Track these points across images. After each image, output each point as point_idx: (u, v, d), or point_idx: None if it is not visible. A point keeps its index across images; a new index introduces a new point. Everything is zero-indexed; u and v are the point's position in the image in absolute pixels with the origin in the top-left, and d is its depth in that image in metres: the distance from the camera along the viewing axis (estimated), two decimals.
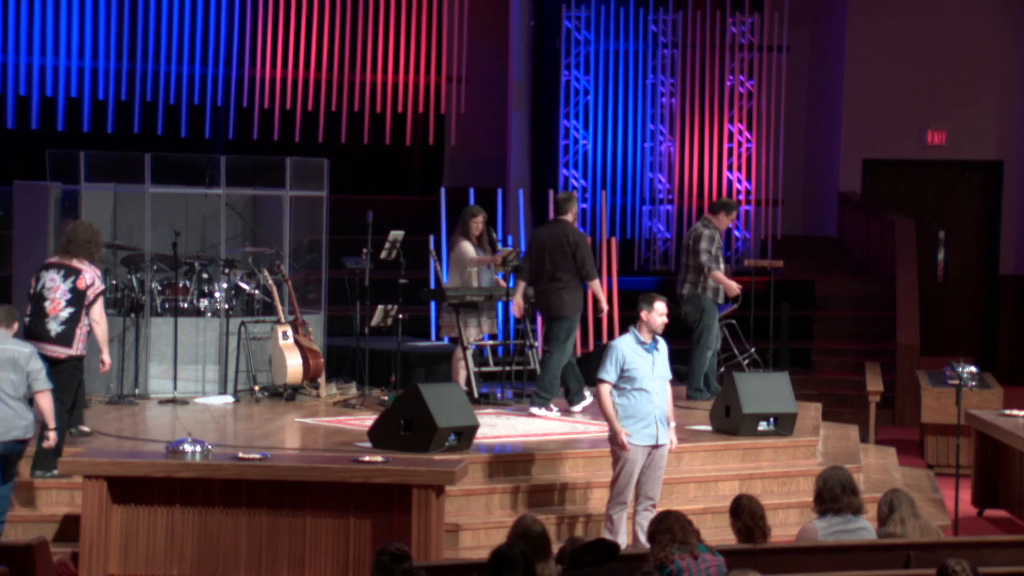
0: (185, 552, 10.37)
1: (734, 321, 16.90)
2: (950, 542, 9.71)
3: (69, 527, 10.90)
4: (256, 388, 14.84)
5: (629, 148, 21.22)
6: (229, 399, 14.72)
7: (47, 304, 11.67)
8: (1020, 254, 22.19)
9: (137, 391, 14.61)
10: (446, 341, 15.28)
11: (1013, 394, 16.97)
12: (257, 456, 10.62)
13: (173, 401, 14.48)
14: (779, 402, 13.43)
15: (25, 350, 10.90)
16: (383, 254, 14.81)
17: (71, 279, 11.70)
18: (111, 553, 10.34)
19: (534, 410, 14.16)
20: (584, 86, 21.09)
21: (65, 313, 11.67)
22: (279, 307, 14.90)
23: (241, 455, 10.69)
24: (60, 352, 11.64)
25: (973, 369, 15.93)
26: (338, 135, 20.57)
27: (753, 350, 16.71)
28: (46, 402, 10.89)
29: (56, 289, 11.70)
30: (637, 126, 21.22)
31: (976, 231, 22.46)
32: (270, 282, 15.04)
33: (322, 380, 15.04)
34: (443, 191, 18.64)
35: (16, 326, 11.12)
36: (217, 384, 14.90)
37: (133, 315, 14.63)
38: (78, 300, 11.68)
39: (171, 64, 19.92)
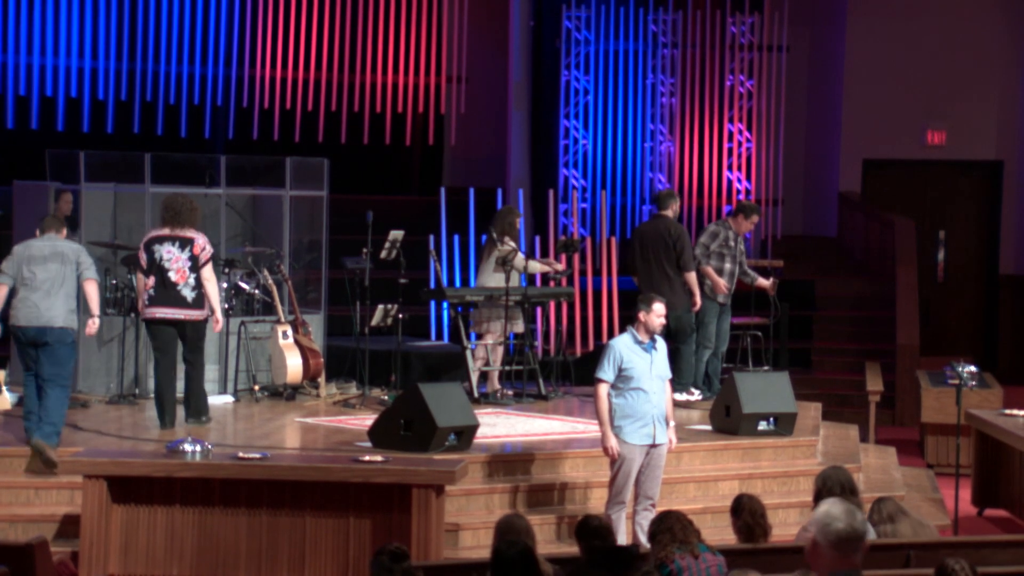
0: (185, 552, 10.37)
1: (759, 333, 16.79)
2: (950, 542, 9.71)
3: (69, 527, 10.90)
4: (256, 388, 14.84)
5: (629, 148, 21.23)
6: (229, 399, 14.71)
7: (172, 275, 12.84)
8: (1020, 254, 22.19)
9: (137, 391, 14.60)
10: (475, 338, 15.27)
11: (1013, 394, 16.97)
12: (257, 456, 10.62)
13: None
14: (779, 402, 13.42)
15: (73, 246, 12.19)
16: (383, 254, 14.80)
17: (187, 248, 12.86)
18: (111, 553, 10.34)
19: (676, 396, 14.43)
20: (584, 86, 21.10)
21: (192, 280, 12.86)
22: (279, 307, 14.90)
23: (241, 455, 10.69)
24: (199, 315, 12.95)
25: (973, 369, 15.92)
26: (338, 135, 20.57)
27: (767, 368, 16.50)
28: (93, 290, 12.11)
29: (176, 259, 12.85)
30: (637, 126, 21.23)
31: (976, 231, 22.46)
32: (270, 282, 15.04)
33: (322, 380, 15.03)
34: (443, 191, 18.64)
35: (65, 232, 12.35)
36: (217, 384, 14.89)
37: (133, 315, 14.62)
38: (197, 266, 12.85)
39: (171, 64, 19.93)
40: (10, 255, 12.26)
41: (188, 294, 12.88)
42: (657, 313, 11.10)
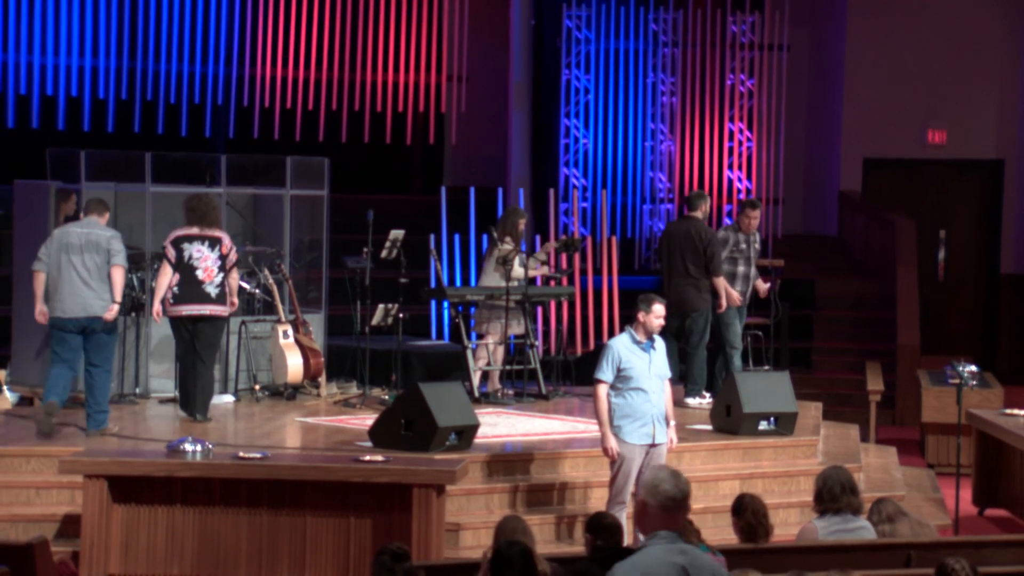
0: (185, 551, 10.36)
1: (760, 332, 16.77)
2: (951, 541, 9.71)
3: (69, 526, 10.90)
4: (257, 387, 14.84)
5: (629, 147, 21.22)
6: (230, 398, 14.71)
7: (199, 272, 13.32)
8: (1020, 254, 22.19)
9: (138, 390, 14.60)
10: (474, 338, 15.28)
11: (1013, 393, 16.97)
12: (257, 455, 10.61)
13: (174, 400, 14.46)
14: (779, 401, 13.42)
15: (107, 233, 12.73)
16: (383, 253, 14.80)
17: (216, 248, 13.40)
18: (111, 552, 10.33)
19: (689, 400, 14.71)
20: (584, 85, 21.10)
21: (218, 278, 13.35)
22: (279, 306, 14.90)
23: (241, 454, 10.68)
24: (223, 311, 13.46)
25: (973, 368, 15.89)
26: (339, 134, 20.57)
27: (767, 367, 16.49)
28: (118, 276, 12.70)
29: (206, 258, 13.35)
30: (637, 125, 21.22)
31: (976, 231, 22.45)
32: (271, 281, 15.04)
33: (322, 379, 15.03)
34: (443, 190, 18.65)
35: (108, 215, 12.93)
36: (218, 383, 14.88)
37: (134, 314, 14.62)
38: (224, 265, 13.39)
39: (172, 63, 19.93)
40: (49, 239, 12.83)
41: (212, 291, 13.35)
42: (656, 314, 11.10)
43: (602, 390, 11.05)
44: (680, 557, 6.04)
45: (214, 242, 13.42)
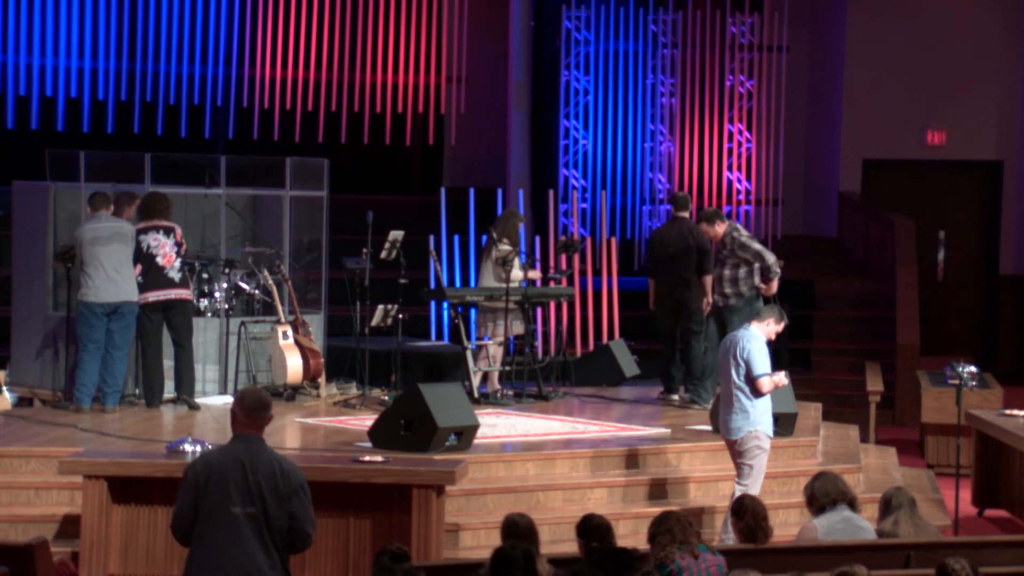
0: (185, 552, 10.34)
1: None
2: (950, 542, 9.72)
3: (69, 527, 10.90)
4: None
5: (629, 148, 21.23)
6: (229, 399, 14.70)
7: (159, 259, 13.95)
8: (1020, 254, 22.19)
9: (137, 391, 14.59)
10: (486, 340, 15.26)
11: (1013, 394, 16.97)
12: None
13: (173, 401, 14.46)
14: (779, 402, 13.35)
15: (130, 226, 13.82)
16: (383, 254, 14.81)
17: (171, 235, 14.04)
18: (111, 553, 10.34)
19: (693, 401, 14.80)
20: (584, 86, 21.10)
21: (177, 263, 14.03)
22: (279, 307, 14.90)
23: None
24: (187, 294, 14.18)
25: (973, 369, 15.91)
26: (338, 135, 20.57)
27: None
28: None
29: (163, 245, 13.96)
30: (637, 126, 21.23)
31: (976, 231, 22.46)
32: (270, 282, 15.03)
33: (322, 380, 15.03)
34: (443, 191, 18.64)
35: (112, 208, 13.88)
36: (217, 384, 14.89)
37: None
38: (178, 251, 14.06)
39: (171, 64, 19.93)
40: (77, 239, 13.73)
41: (175, 275, 14.02)
42: (778, 330, 11.63)
43: (770, 379, 11.39)
44: (244, 454, 7.60)
45: (168, 230, 14.04)
